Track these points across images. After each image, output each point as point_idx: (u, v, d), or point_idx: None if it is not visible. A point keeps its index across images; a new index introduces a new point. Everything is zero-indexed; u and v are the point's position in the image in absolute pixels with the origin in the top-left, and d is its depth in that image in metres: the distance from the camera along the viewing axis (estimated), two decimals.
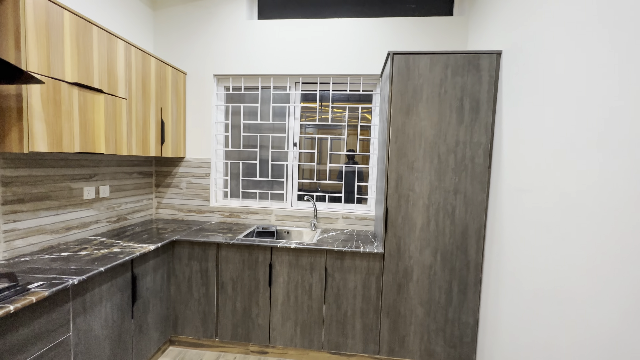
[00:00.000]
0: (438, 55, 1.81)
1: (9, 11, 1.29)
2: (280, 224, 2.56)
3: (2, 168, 1.50)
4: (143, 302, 1.82)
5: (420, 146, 1.86)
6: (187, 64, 2.59)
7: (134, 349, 1.75)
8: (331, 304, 2.00)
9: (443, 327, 1.93)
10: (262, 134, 2.63)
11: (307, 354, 2.07)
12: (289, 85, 2.57)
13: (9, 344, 1.10)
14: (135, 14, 2.39)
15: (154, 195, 2.67)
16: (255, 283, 2.05)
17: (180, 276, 2.10)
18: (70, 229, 1.88)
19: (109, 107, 1.76)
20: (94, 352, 1.47)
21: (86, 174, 1.98)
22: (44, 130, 1.39)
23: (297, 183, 2.62)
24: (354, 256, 1.96)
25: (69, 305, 1.34)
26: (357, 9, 2.54)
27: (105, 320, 1.54)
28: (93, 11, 2.00)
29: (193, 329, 2.12)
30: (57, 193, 1.79)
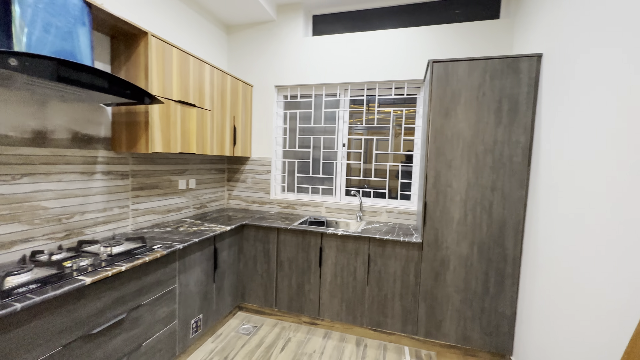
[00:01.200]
0: (476, 61, 1.96)
1: (141, 52, 1.82)
2: (329, 216, 2.89)
3: (133, 164, 2.08)
4: (221, 271, 2.29)
5: (458, 146, 2.02)
6: (253, 77, 3.06)
7: (215, 307, 2.24)
8: (373, 286, 2.26)
9: (479, 316, 2.05)
10: (314, 136, 2.99)
11: (351, 329, 2.37)
12: (339, 92, 2.88)
13: (144, 284, 1.60)
14: (216, 39, 2.93)
15: (226, 188, 3.22)
16: (307, 263, 2.41)
17: (248, 254, 2.55)
18: (170, 211, 2.45)
19: (199, 118, 2.27)
20: (190, 302, 1.97)
21: (180, 170, 2.54)
22: (160, 136, 1.92)
23: (345, 180, 2.93)
24: (395, 244, 2.20)
25: (176, 264, 1.83)
26: (403, 19, 2.75)
27: (197, 279, 2.03)
28: (187, 41, 2.56)
29: (257, 298, 2.56)
30: (162, 184, 2.36)
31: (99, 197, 1.87)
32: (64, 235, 1.69)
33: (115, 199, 1.98)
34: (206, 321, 2.14)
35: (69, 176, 1.70)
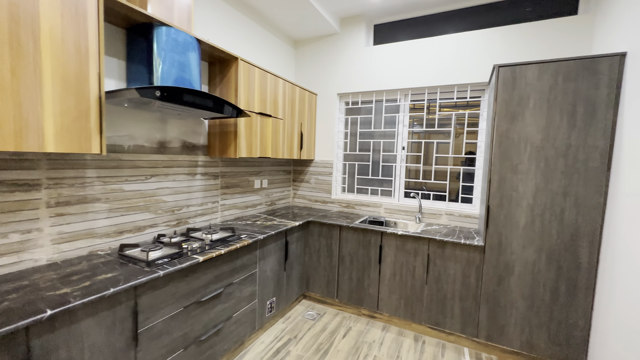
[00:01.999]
0: (547, 63, 1.92)
1: (232, 74, 2.19)
2: (388, 216, 3.01)
3: (221, 167, 2.49)
4: (290, 261, 2.60)
5: (525, 150, 2.00)
6: (318, 86, 3.33)
7: (285, 293, 2.54)
8: (432, 285, 2.34)
9: (547, 324, 2.00)
10: (374, 139, 3.14)
11: (409, 325, 2.47)
12: (399, 97, 2.99)
13: (234, 266, 1.95)
14: (285, 53, 3.27)
15: (291, 188, 3.55)
16: (367, 260, 2.58)
17: (312, 248, 2.82)
18: (247, 207, 2.84)
19: (273, 126, 2.60)
20: (266, 285, 2.29)
21: (256, 171, 2.92)
22: (245, 143, 2.27)
23: (404, 182, 3.02)
24: (455, 246, 2.25)
25: (257, 252, 2.16)
26: (467, 22, 2.74)
27: (272, 267, 2.35)
28: (262, 57, 2.92)
29: (319, 289, 2.82)
30: (242, 183, 2.75)
31: (198, 194, 2.30)
32: (176, 223, 2.14)
33: (209, 195, 2.40)
34: (278, 304, 2.46)
35: (180, 176, 2.14)
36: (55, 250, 1.50)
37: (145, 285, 1.39)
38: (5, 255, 1.34)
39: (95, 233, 1.67)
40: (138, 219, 1.89)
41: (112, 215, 1.74)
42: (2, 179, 1.31)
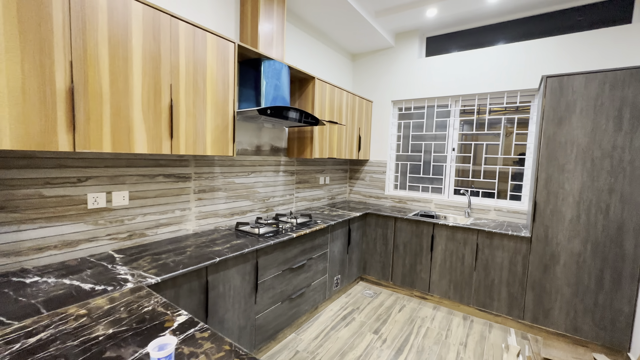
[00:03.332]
0: (594, 73, 2.13)
1: (310, 90, 2.70)
2: (438, 211, 3.33)
3: (296, 166, 3.03)
4: (352, 246, 3.05)
5: (571, 151, 2.22)
6: (373, 94, 3.75)
7: (347, 272, 3.01)
8: (480, 272, 2.64)
9: (592, 309, 2.21)
10: (425, 142, 3.47)
11: (458, 306, 2.79)
12: (450, 103, 3.29)
13: (313, 245, 2.45)
14: (344, 65, 3.73)
15: (348, 184, 4.01)
16: (419, 248, 2.94)
17: (369, 237, 3.25)
18: (314, 200, 3.36)
19: (338, 131, 3.08)
20: (334, 264, 2.77)
21: (321, 169, 3.42)
22: (318, 147, 2.77)
23: (454, 180, 3.31)
24: (503, 237, 2.52)
25: (329, 235, 2.65)
26: (517, 32, 2.96)
27: (338, 249, 2.82)
28: (326, 71, 3.41)
29: (375, 272, 3.23)
30: (310, 180, 3.27)
31: (280, 187, 2.86)
32: (266, 209, 2.71)
33: (287, 189, 2.95)
34: (342, 281, 2.93)
35: (268, 173, 2.71)
36: (197, 224, 2.12)
37: (262, 250, 1.93)
38: (173, 225, 1.97)
39: (218, 214, 2.28)
40: (243, 205, 2.48)
41: (228, 201, 2.34)
42: (171, 173, 1.95)
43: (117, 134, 1.36)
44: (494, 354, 2.18)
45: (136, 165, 1.76)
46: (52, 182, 1.44)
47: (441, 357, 2.13)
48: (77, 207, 1.53)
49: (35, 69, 1.12)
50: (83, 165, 1.54)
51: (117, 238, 1.70)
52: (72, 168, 1.51)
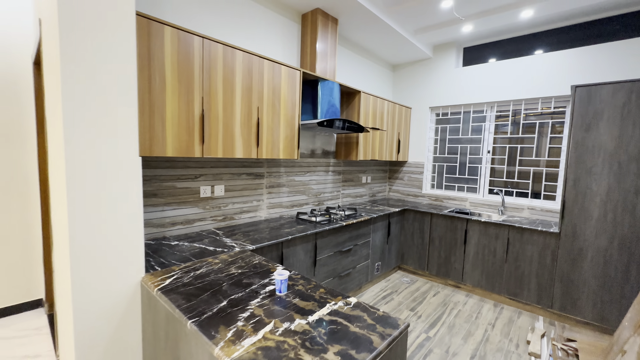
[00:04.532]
0: (621, 83, 2.32)
1: (356, 102, 3.16)
2: (472, 209, 3.60)
3: (343, 166, 3.51)
4: (391, 238, 3.45)
5: (599, 155, 2.43)
6: (412, 101, 4.10)
7: (386, 260, 3.42)
8: (511, 264, 2.90)
9: (618, 300, 2.39)
10: (461, 144, 3.75)
11: (489, 295, 3.07)
12: (485, 109, 3.54)
13: (358, 233, 2.91)
14: (385, 76, 4.13)
15: (387, 183, 4.40)
16: (454, 241, 3.26)
17: (407, 230, 3.62)
18: (357, 197, 3.81)
19: (380, 135, 3.50)
20: (375, 251, 3.20)
21: (363, 170, 3.87)
22: (362, 150, 3.22)
23: (489, 180, 3.55)
24: (532, 233, 2.77)
25: (371, 226, 3.09)
26: (552, 40, 3.14)
27: (379, 239, 3.24)
28: (367, 81, 3.85)
29: (412, 262, 3.60)
30: (354, 178, 3.73)
31: (329, 184, 3.36)
32: (318, 203, 3.23)
33: (335, 186, 3.44)
34: (382, 267, 3.35)
35: (320, 172, 3.22)
36: (267, 212, 2.70)
37: (320, 233, 2.44)
38: (251, 212, 2.56)
39: (282, 205, 2.84)
40: (300, 198, 3.02)
41: (289, 195, 2.89)
42: (251, 172, 2.53)
43: (225, 144, 1.95)
44: (519, 335, 2.46)
45: (229, 166, 2.36)
46: (181, 177, 2.08)
47: (470, 332, 2.47)
48: (194, 195, 2.16)
49: (184, 103, 1.73)
50: (198, 166, 2.17)
51: (216, 219, 2.32)
52: (192, 168, 2.13)
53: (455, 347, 2.26)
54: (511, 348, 2.27)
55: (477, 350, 2.24)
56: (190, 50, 1.73)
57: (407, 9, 2.84)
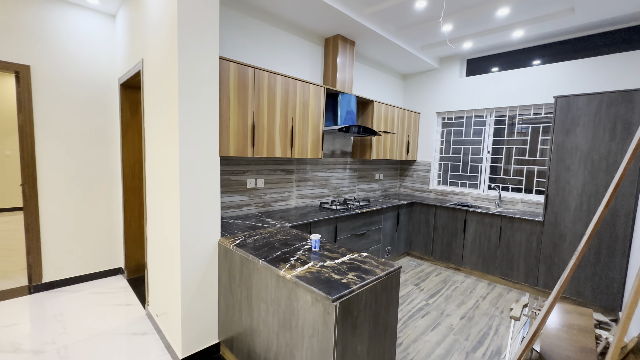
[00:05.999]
0: (594, 95, 2.76)
1: (369, 110, 3.71)
2: (473, 202, 4.07)
3: (358, 165, 4.08)
4: (400, 227, 3.99)
5: (576, 155, 2.88)
6: (420, 107, 4.60)
7: (396, 246, 3.95)
8: (503, 248, 3.37)
9: (591, 278, 2.84)
10: (464, 145, 4.23)
11: (485, 275, 3.55)
12: (485, 114, 4.01)
13: (371, 220, 3.46)
14: (396, 85, 4.66)
15: (398, 180, 4.92)
16: (454, 230, 3.75)
17: (414, 220, 4.14)
18: (370, 191, 4.36)
19: (391, 138, 4.03)
20: (386, 237, 3.75)
21: (376, 168, 4.42)
22: (375, 151, 3.77)
23: (488, 177, 4.02)
24: (521, 222, 3.23)
25: (382, 215, 3.64)
26: (545, 53, 3.58)
27: (389, 227, 3.79)
28: (380, 89, 4.39)
29: (419, 248, 4.11)
30: (368, 175, 4.28)
31: (346, 180, 3.93)
32: (337, 195, 3.81)
33: (352, 181, 4.01)
34: (392, 251, 3.89)
35: (338, 170, 3.80)
36: (296, 202, 3.30)
37: (339, 218, 3.02)
38: (284, 201, 3.17)
39: (308, 196, 3.44)
40: (322, 191, 3.61)
41: (313, 188, 3.49)
42: (284, 169, 3.14)
43: (269, 147, 2.56)
44: (505, 305, 2.95)
45: (268, 164, 2.98)
46: (234, 172, 2.71)
47: (463, 301, 2.98)
48: (242, 186, 2.79)
49: (241, 117, 2.35)
50: (245, 164, 2.80)
51: (258, 205, 2.94)
52: (241, 165, 2.77)
53: (449, 311, 2.79)
54: (496, 313, 2.77)
55: (466, 313, 2.75)
56: (246, 78, 2.35)
57: (413, 31, 3.36)
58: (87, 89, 2.99)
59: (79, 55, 2.92)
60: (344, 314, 1.29)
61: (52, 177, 2.87)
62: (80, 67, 2.94)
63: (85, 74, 2.97)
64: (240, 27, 2.70)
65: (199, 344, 2.01)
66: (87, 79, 2.99)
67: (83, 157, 3.03)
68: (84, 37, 2.94)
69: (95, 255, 3.18)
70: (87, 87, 2.99)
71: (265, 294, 1.65)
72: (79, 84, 2.94)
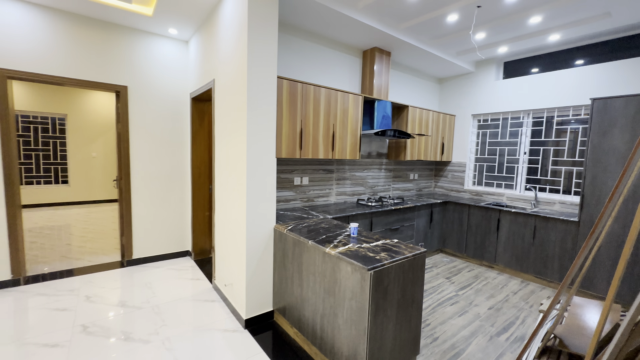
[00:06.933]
0: (632, 97, 2.79)
1: (404, 114, 3.98)
2: (508, 202, 4.14)
3: (393, 165, 4.36)
4: (433, 224, 4.19)
5: (612, 156, 2.91)
6: (456, 109, 4.74)
7: (429, 242, 4.17)
8: (537, 247, 3.45)
9: (629, 278, 2.85)
10: (500, 147, 4.30)
11: (519, 274, 3.64)
12: (522, 115, 4.06)
13: (403, 217, 3.74)
14: (431, 89, 4.84)
15: (433, 180, 5.09)
16: (487, 229, 3.88)
17: (447, 219, 4.31)
18: (405, 191, 4.62)
19: (425, 140, 4.26)
20: (419, 234, 3.99)
21: (411, 168, 4.65)
22: (409, 152, 4.03)
23: (525, 178, 4.06)
24: (556, 221, 3.30)
25: (415, 213, 3.89)
26: (583, 55, 3.57)
27: (422, 225, 4.02)
28: (418, 96, 4.62)
29: (452, 246, 4.28)
30: (403, 175, 4.54)
31: (382, 180, 4.24)
32: (372, 193, 4.14)
33: (387, 181, 4.31)
34: (424, 247, 4.11)
35: (374, 170, 4.12)
36: (335, 198, 3.70)
37: (374, 213, 3.35)
38: (324, 197, 3.58)
39: (346, 193, 3.81)
40: (359, 189, 3.96)
41: (351, 186, 3.86)
42: (325, 168, 3.55)
43: (313, 149, 2.98)
44: (536, 300, 3.06)
45: (312, 164, 3.41)
46: (283, 171, 3.18)
47: (493, 295, 3.15)
48: (290, 183, 3.25)
49: (292, 125, 2.79)
50: (292, 164, 3.25)
51: (302, 200, 3.39)
52: (289, 165, 3.23)
53: (478, 302, 2.98)
54: (525, 307, 2.92)
55: (495, 305, 2.93)
56: (295, 91, 2.79)
57: (447, 40, 3.58)
58: (165, 103, 3.67)
59: (161, 75, 3.60)
60: (377, 281, 1.65)
61: (139, 175, 3.58)
62: (161, 84, 3.62)
63: (165, 90, 3.65)
64: (288, 47, 3.16)
65: (258, 309, 2.49)
66: (166, 94, 3.66)
67: (162, 158, 3.71)
68: (165, 60, 3.61)
69: (169, 240, 3.86)
70: (166, 100, 3.67)
71: (314, 267, 2.06)
72: (160, 99, 3.63)
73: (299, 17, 2.95)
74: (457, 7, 2.82)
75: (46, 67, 2.97)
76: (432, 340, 2.34)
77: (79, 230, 5.04)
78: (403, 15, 3.02)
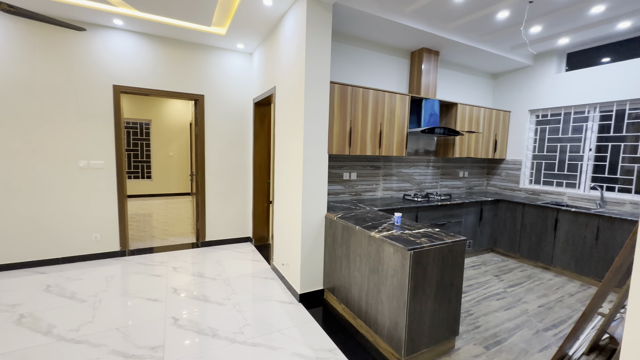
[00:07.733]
0: None
1: (453, 111, 4.01)
2: (570, 202, 3.91)
3: (441, 162, 4.40)
4: (482, 222, 4.14)
5: None
6: (511, 105, 4.58)
7: (478, 240, 4.13)
8: (600, 249, 3.24)
9: None
10: (561, 143, 4.07)
11: (578, 277, 3.45)
12: (587, 109, 3.80)
13: (450, 213, 3.79)
14: (484, 85, 4.74)
15: (485, 178, 4.97)
16: (544, 228, 3.72)
17: (499, 217, 4.21)
18: (453, 188, 4.61)
19: (475, 137, 4.22)
20: (467, 230, 3.98)
21: (460, 166, 4.63)
22: (458, 149, 4.05)
23: (591, 176, 3.80)
24: (623, 222, 3.07)
25: (463, 210, 3.90)
26: None
27: (471, 222, 4.01)
28: (469, 93, 4.57)
29: (504, 245, 4.17)
30: (451, 173, 4.54)
31: (429, 177, 4.32)
32: (419, 190, 4.25)
33: (434, 178, 4.37)
34: (473, 245, 4.09)
35: (421, 167, 4.22)
36: (382, 193, 3.90)
37: (420, 208, 3.49)
38: (371, 192, 3.82)
39: (392, 189, 3.99)
40: (405, 185, 4.11)
41: (397, 182, 4.03)
42: (372, 165, 3.78)
43: (361, 147, 3.24)
44: None
45: (360, 160, 3.68)
46: (334, 167, 3.50)
47: (546, 294, 3.07)
48: (339, 178, 3.56)
49: (342, 124, 3.09)
50: (342, 160, 3.55)
51: (351, 194, 3.67)
52: (339, 161, 3.53)
53: (527, 299, 2.95)
54: (581, 309, 2.81)
55: (546, 303, 2.88)
56: (345, 94, 3.08)
57: (498, 36, 3.55)
58: (233, 108, 4.25)
59: (230, 84, 4.19)
60: (416, 261, 1.87)
61: (211, 171, 4.20)
62: (230, 92, 4.20)
63: (232, 97, 4.23)
64: (340, 54, 3.46)
65: (311, 287, 2.84)
66: (233, 100, 4.24)
67: (229, 156, 4.30)
68: (233, 70, 4.19)
69: (234, 226, 4.45)
70: (233, 106, 4.25)
71: (360, 250, 2.33)
72: (229, 104, 4.21)
73: (350, 26, 3.23)
74: (508, 5, 2.83)
75: (145, 82, 3.71)
76: (473, 327, 2.44)
77: (162, 217, 5.99)
78: (451, 16, 3.12)
